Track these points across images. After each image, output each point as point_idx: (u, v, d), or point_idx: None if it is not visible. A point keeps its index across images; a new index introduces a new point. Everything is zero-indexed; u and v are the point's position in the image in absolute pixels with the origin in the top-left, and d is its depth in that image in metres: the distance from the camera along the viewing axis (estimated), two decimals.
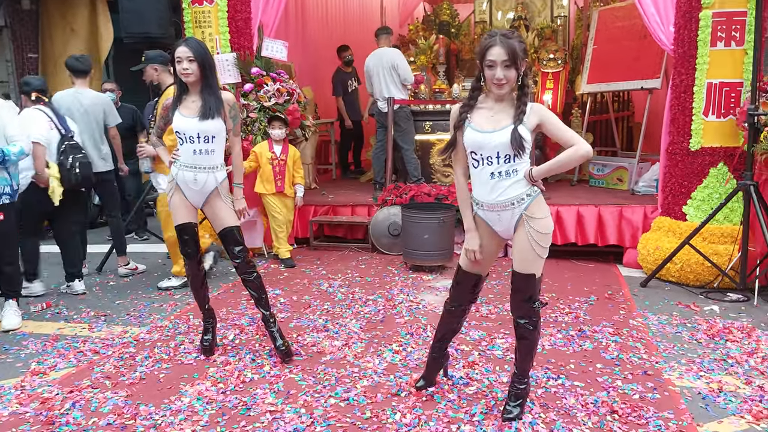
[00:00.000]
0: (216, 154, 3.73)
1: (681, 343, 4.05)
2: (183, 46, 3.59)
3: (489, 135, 2.82)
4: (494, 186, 2.87)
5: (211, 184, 3.73)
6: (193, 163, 3.69)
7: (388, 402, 3.28)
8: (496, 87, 2.81)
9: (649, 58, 6.91)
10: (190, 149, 3.67)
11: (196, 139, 3.65)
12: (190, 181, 3.71)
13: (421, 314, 4.65)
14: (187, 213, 3.81)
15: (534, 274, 2.91)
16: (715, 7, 5.21)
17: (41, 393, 3.46)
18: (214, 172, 3.73)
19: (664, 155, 5.71)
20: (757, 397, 3.28)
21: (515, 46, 2.75)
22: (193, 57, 3.57)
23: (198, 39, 3.70)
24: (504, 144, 2.79)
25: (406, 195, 6.51)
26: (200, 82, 3.66)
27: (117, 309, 4.96)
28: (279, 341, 3.83)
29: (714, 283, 5.20)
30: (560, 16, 10.99)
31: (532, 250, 2.88)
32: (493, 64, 2.76)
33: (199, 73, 3.61)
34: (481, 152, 2.85)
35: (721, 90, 5.29)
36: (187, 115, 3.65)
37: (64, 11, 8.73)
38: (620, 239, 6.10)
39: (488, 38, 2.79)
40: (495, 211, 2.91)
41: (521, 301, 2.97)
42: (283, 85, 6.36)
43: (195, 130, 3.63)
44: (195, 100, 3.67)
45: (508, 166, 2.83)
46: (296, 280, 5.64)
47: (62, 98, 5.70)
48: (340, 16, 10.59)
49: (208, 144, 3.67)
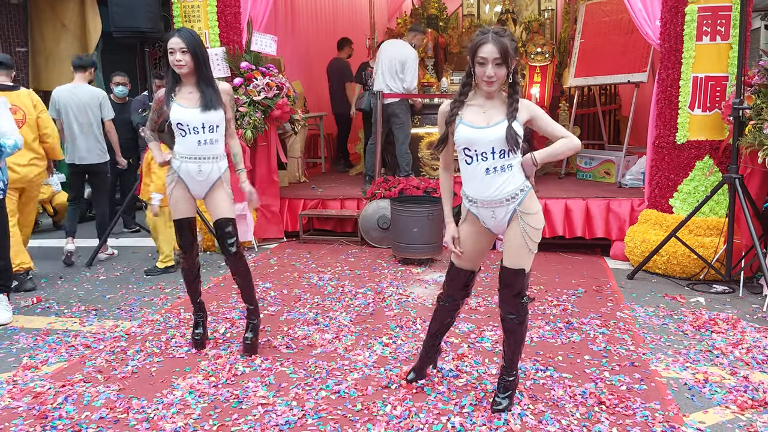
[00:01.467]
0: (219, 144, 3.75)
1: (667, 335, 4.11)
2: (176, 37, 3.56)
3: (483, 131, 2.84)
4: (490, 182, 2.89)
5: (215, 173, 3.75)
6: (197, 154, 3.69)
7: (378, 394, 3.32)
8: (486, 84, 2.83)
9: (636, 52, 6.97)
10: (194, 140, 3.66)
11: (201, 130, 3.65)
12: (194, 173, 3.71)
13: (411, 307, 4.69)
14: (186, 207, 3.82)
15: (524, 269, 2.95)
16: (701, 2, 5.26)
17: (33, 387, 3.47)
18: (218, 162, 3.76)
19: (650, 148, 5.77)
20: (741, 387, 3.34)
21: (507, 44, 2.76)
22: (186, 48, 3.55)
23: (190, 29, 3.68)
24: (498, 139, 2.82)
25: (395, 188, 6.53)
26: (194, 74, 3.64)
27: (108, 303, 4.96)
28: (248, 333, 3.87)
29: (700, 275, 5.27)
30: (547, 10, 11.04)
31: (525, 245, 2.93)
32: (485, 61, 2.77)
33: (192, 64, 3.59)
34: (475, 148, 2.87)
35: (707, 84, 5.35)
36: (187, 106, 3.63)
37: (54, 6, 8.69)
38: (607, 232, 6.16)
39: (480, 35, 2.80)
40: (489, 208, 2.94)
41: (510, 296, 3.00)
42: (272, 79, 6.36)
43: (199, 121, 3.63)
44: (192, 91, 3.66)
45: (503, 161, 2.86)
46: (286, 273, 5.66)
47: (60, 93, 6.13)
48: (330, 10, 10.58)
49: (212, 134, 3.69)
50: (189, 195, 3.80)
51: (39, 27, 8.74)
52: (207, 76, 3.66)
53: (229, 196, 3.82)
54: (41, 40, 8.77)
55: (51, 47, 8.73)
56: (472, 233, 3.06)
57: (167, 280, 5.52)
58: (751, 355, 3.77)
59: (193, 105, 3.63)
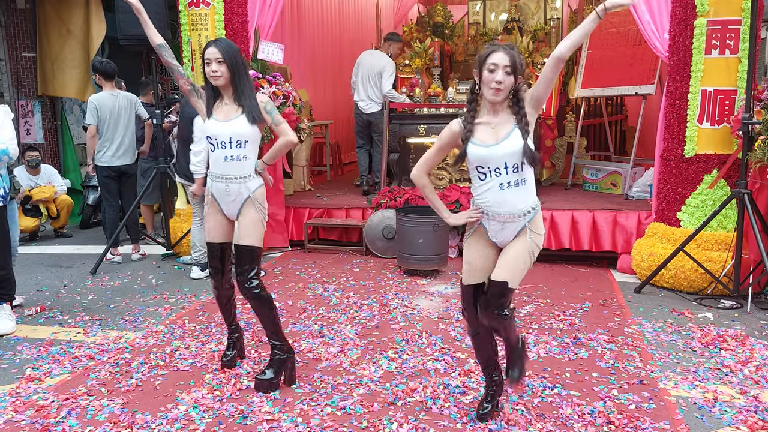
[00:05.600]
0: (248, 162, 3.49)
1: (676, 352, 4.08)
2: (212, 47, 3.39)
3: (494, 148, 2.85)
4: (505, 197, 2.89)
5: (244, 193, 3.50)
6: (224, 173, 3.48)
7: (384, 411, 3.29)
8: (493, 92, 2.82)
9: (644, 64, 6.94)
10: (221, 156, 3.47)
11: (228, 144, 3.43)
12: (222, 192, 3.52)
13: (416, 320, 4.66)
14: (221, 231, 3.63)
15: (514, 285, 2.93)
16: (710, 15, 5.23)
17: (36, 400, 3.44)
18: (246, 182, 3.49)
19: (658, 161, 5.74)
20: (752, 407, 3.30)
21: (516, 56, 2.81)
22: (222, 58, 3.36)
23: (229, 40, 3.51)
24: (510, 154, 2.83)
25: (400, 198, 6.51)
26: (230, 85, 3.45)
27: (112, 313, 4.94)
28: (266, 372, 3.57)
29: (708, 290, 5.23)
30: (553, 18, 11.02)
31: (527, 261, 2.94)
32: (495, 67, 2.79)
33: (228, 75, 3.39)
34: (488, 165, 2.87)
35: (716, 97, 5.32)
36: (220, 120, 3.45)
37: (60, 11, 8.69)
38: (614, 245, 6.13)
39: (491, 46, 2.86)
40: (500, 221, 2.93)
41: (494, 310, 2.93)
42: (278, 88, 6.34)
43: (227, 135, 3.42)
44: (228, 103, 3.48)
45: (516, 176, 2.87)
46: (291, 283, 5.63)
47: (103, 101, 6.44)
48: (336, 18, 10.57)
49: (240, 149, 3.45)
50: (223, 217, 3.61)
51: (46, 32, 8.75)
52: (245, 88, 3.45)
53: (258, 221, 3.52)
54: (48, 45, 8.78)
55: (57, 52, 8.74)
56: (479, 245, 3.04)
57: (172, 290, 5.50)
58: (760, 373, 3.73)
59: (225, 118, 3.46)
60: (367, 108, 7.66)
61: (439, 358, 3.95)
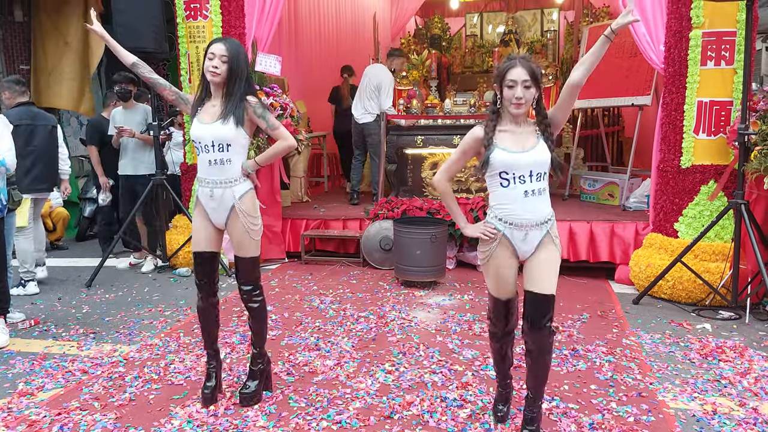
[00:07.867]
0: (232, 166, 3.36)
1: (674, 363, 4.05)
2: (220, 44, 3.29)
3: (519, 155, 2.87)
4: (529, 204, 2.90)
5: (228, 200, 3.38)
6: (208, 177, 3.38)
7: (381, 424, 3.25)
8: (514, 107, 2.86)
9: (640, 75, 6.95)
10: (205, 160, 3.37)
11: (210, 148, 3.33)
12: (207, 197, 3.41)
13: (414, 332, 4.63)
14: (206, 239, 3.48)
15: (554, 294, 2.94)
16: (705, 27, 5.25)
17: (29, 415, 3.40)
18: (232, 187, 3.37)
19: (655, 172, 5.74)
20: (751, 419, 3.28)
21: (534, 67, 2.85)
22: (227, 58, 3.27)
23: (241, 45, 3.41)
24: (536, 162, 2.87)
25: (398, 209, 6.49)
26: (224, 87, 3.34)
27: (106, 326, 4.90)
28: (249, 384, 3.53)
29: (706, 301, 5.21)
30: (550, 31, 11.08)
31: (557, 269, 2.96)
32: (514, 84, 2.82)
33: (226, 76, 3.29)
34: (513, 172, 2.88)
35: (711, 108, 5.32)
36: (204, 121, 3.36)
37: (57, 23, 8.69)
38: (612, 255, 6.11)
39: (508, 61, 2.88)
40: (523, 230, 2.92)
41: (541, 325, 2.90)
42: (276, 99, 6.34)
43: (209, 137, 3.31)
44: (215, 105, 3.38)
45: (538, 184, 2.90)
46: (288, 295, 5.60)
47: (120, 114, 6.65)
48: (333, 30, 10.60)
49: (223, 153, 3.33)
50: (209, 224, 3.47)
51: (42, 44, 8.75)
52: (237, 92, 3.33)
53: (246, 232, 3.40)
54: (44, 57, 8.77)
55: (54, 65, 8.73)
56: (504, 256, 2.99)
57: (167, 303, 5.47)
58: (759, 385, 3.70)
59: (209, 120, 3.35)
60: (361, 118, 7.71)
61: (437, 370, 3.92)
